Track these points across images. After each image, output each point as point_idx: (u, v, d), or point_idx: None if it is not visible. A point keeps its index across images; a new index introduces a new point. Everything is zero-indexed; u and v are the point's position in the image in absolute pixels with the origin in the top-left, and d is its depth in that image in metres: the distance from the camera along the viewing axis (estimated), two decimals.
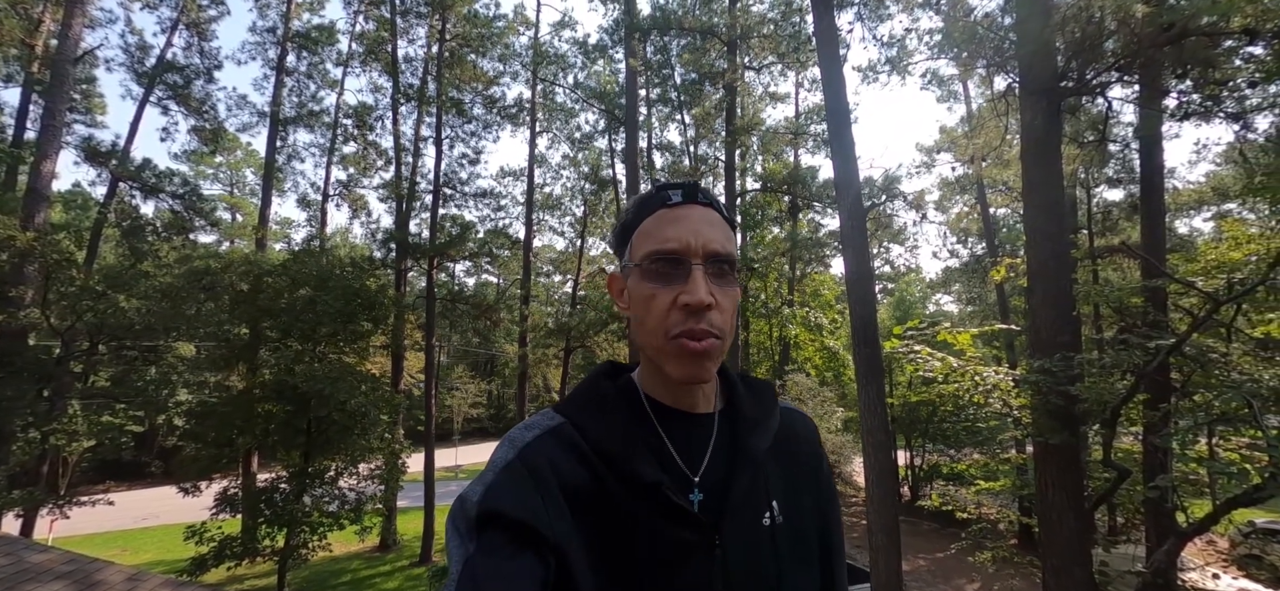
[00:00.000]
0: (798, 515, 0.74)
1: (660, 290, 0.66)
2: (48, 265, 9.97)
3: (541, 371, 25.89)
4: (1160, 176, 8.25)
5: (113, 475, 20.80)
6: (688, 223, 0.68)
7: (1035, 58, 6.26)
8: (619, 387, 0.74)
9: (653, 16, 12.51)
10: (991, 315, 17.58)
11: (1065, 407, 5.57)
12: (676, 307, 0.65)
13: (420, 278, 16.40)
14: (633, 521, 0.63)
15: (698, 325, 0.64)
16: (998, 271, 9.32)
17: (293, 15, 15.18)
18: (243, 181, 26.32)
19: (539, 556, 0.58)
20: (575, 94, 15.39)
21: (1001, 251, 15.45)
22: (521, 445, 0.66)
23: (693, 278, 0.65)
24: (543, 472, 0.63)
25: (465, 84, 14.23)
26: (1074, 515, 5.76)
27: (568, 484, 0.64)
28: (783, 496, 0.73)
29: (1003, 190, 15.88)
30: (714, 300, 0.65)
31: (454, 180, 15.22)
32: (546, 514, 0.60)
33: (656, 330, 0.66)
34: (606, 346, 19.74)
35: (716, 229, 0.69)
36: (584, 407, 0.71)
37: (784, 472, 0.75)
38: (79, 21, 11.00)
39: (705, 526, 0.65)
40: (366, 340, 12.75)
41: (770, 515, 0.70)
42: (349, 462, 10.59)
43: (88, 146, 12.73)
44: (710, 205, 0.71)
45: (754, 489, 0.71)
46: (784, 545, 0.70)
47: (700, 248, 0.66)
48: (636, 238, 0.71)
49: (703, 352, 0.64)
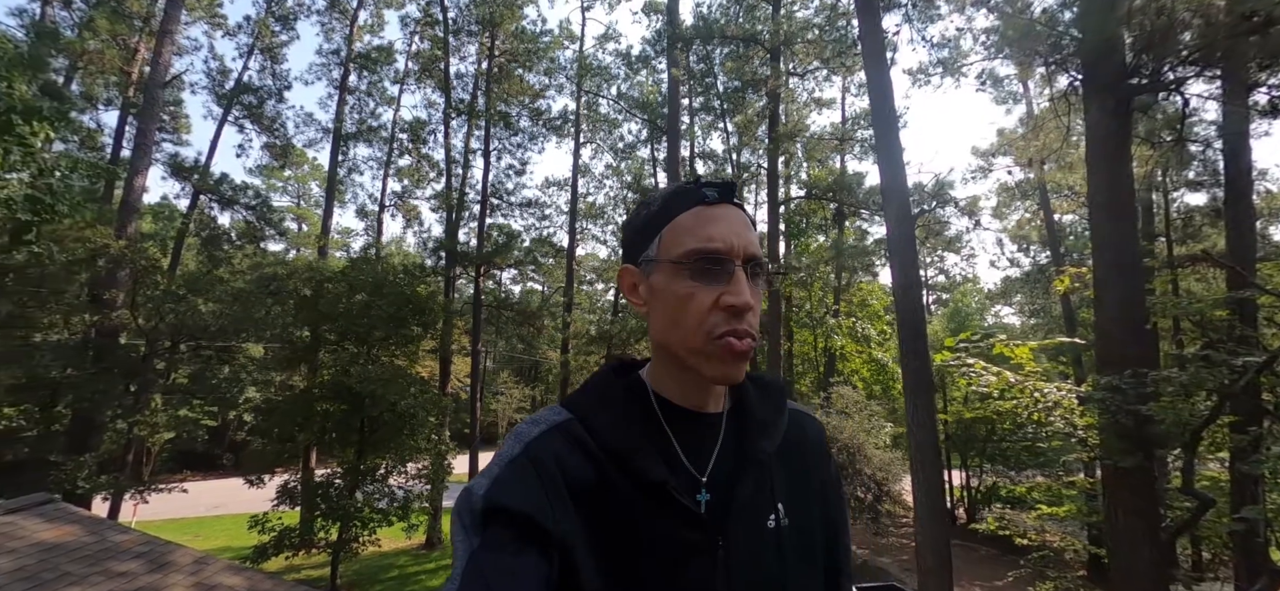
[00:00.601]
0: (804, 518, 0.73)
1: (702, 289, 0.65)
2: (137, 271, 10.95)
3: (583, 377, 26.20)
4: (1248, 178, 7.55)
5: (188, 465, 22.43)
6: (729, 223, 0.67)
7: (1100, 54, 5.89)
8: (628, 385, 0.74)
9: (695, 26, 12.54)
10: (1057, 328, 16.50)
11: (1137, 428, 5.15)
12: (718, 308, 0.64)
13: (468, 285, 16.96)
14: (637, 520, 0.63)
15: (740, 325, 0.64)
16: (1062, 281, 8.76)
17: (355, 38, 16.15)
18: (308, 193, 28.09)
19: (543, 552, 0.58)
20: (618, 104, 15.62)
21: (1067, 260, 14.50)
22: (528, 440, 0.66)
23: (737, 279, 0.65)
24: (549, 468, 0.63)
25: (512, 98, 14.71)
26: (1149, 546, 5.30)
27: (573, 480, 0.64)
28: (789, 498, 0.72)
29: (1068, 195, 14.92)
30: (753, 302, 0.66)
31: (501, 190, 15.71)
32: (551, 510, 0.60)
33: (695, 330, 0.65)
34: (647, 354, 19.70)
35: (751, 232, 0.69)
36: (592, 404, 0.71)
37: (791, 475, 0.75)
38: (168, 50, 12.09)
39: (709, 527, 0.65)
40: (416, 344, 13.27)
41: (776, 517, 0.70)
42: (398, 461, 11.01)
43: (174, 163, 13.92)
44: (741, 207, 0.71)
45: (760, 490, 0.70)
46: (789, 547, 0.70)
47: (742, 249, 0.66)
48: (669, 232, 0.69)
49: (745, 353, 0.65)
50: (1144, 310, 6.12)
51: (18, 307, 10.13)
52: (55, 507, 4.71)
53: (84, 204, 8.02)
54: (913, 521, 7.93)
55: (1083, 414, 6.04)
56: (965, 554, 13.87)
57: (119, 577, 4.14)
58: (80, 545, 4.28)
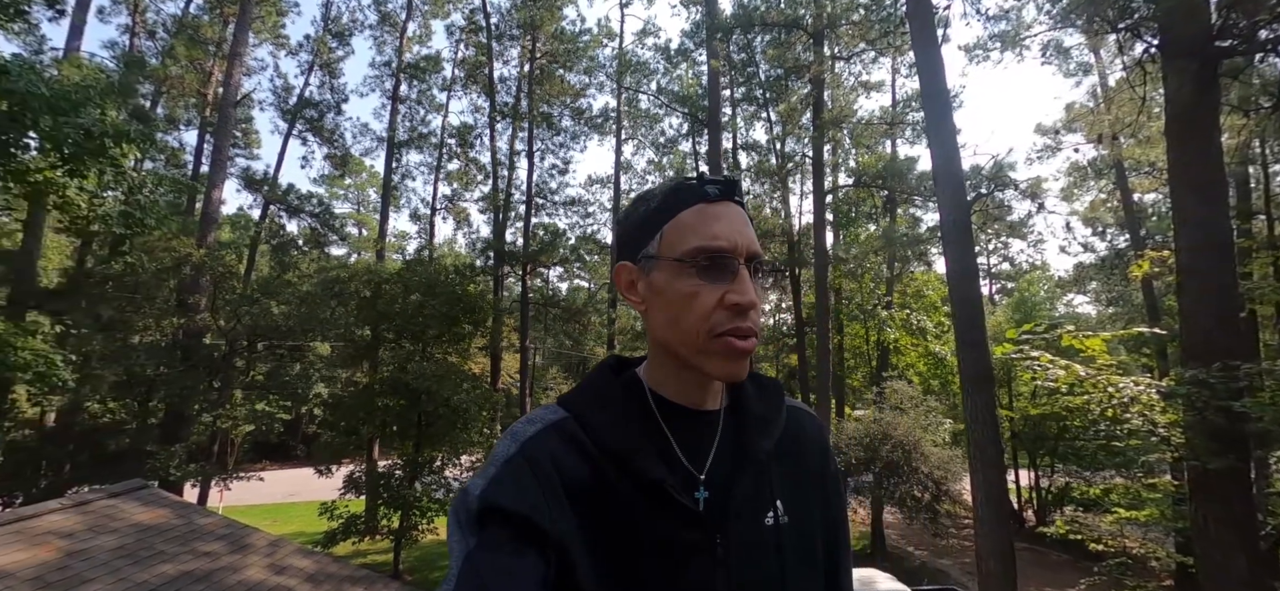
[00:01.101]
0: (802, 515, 0.73)
1: (706, 288, 0.65)
2: (216, 277, 11.88)
3: None
4: None
5: (266, 455, 24.16)
6: (730, 220, 0.67)
7: (1180, 15, 5.39)
8: (624, 383, 0.73)
9: (735, 14, 12.33)
10: (1137, 317, 15.24)
11: (1228, 426, 4.69)
12: (722, 306, 0.64)
13: (516, 283, 17.41)
14: (635, 518, 0.63)
15: (744, 323, 0.64)
16: (1140, 266, 8.10)
17: (404, 49, 16.86)
18: (366, 200, 29.59)
19: (540, 552, 0.57)
20: (659, 99, 15.56)
21: (1147, 243, 13.31)
22: (524, 439, 0.66)
23: (741, 277, 0.65)
24: (545, 467, 0.63)
25: (554, 98, 14.96)
26: (1245, 554, 4.83)
27: (570, 479, 0.63)
28: (787, 496, 0.72)
29: (1147, 172, 13.69)
30: (757, 300, 0.66)
31: (545, 190, 16.04)
32: (548, 509, 0.60)
33: (697, 328, 0.65)
34: None
35: (752, 229, 0.69)
36: (588, 402, 0.71)
37: (789, 472, 0.74)
38: (238, 70, 13.00)
39: (707, 525, 0.65)
40: (468, 341, 13.78)
41: (774, 515, 0.69)
42: (453, 454, 11.48)
43: (246, 175, 14.99)
44: (743, 204, 0.70)
45: (759, 488, 0.70)
46: (788, 545, 0.69)
47: (745, 247, 0.66)
48: (671, 229, 0.68)
49: (748, 351, 0.65)
50: (1237, 296, 5.56)
51: (117, 313, 11.22)
52: (150, 493, 5.20)
53: (169, 217, 8.77)
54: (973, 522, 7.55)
55: (1165, 410, 5.56)
56: (1033, 558, 13.07)
57: (205, 556, 4.53)
58: (171, 527, 4.71)
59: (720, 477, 0.68)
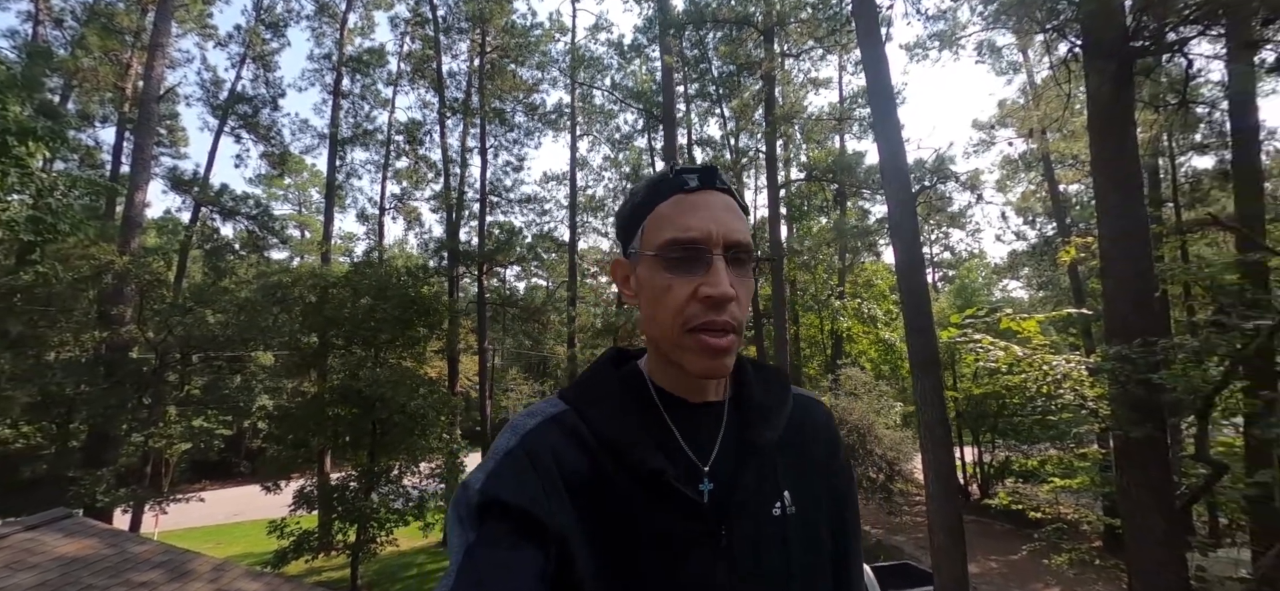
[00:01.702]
0: (810, 506, 0.72)
1: (678, 280, 0.64)
2: (143, 285, 11.03)
3: None
4: (1255, 138, 7.42)
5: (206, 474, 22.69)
6: (708, 210, 0.65)
7: (1099, 17, 5.78)
8: (625, 375, 0.73)
9: (687, 10, 12.40)
10: (1065, 300, 16.36)
11: (1147, 397, 5.11)
12: (696, 299, 0.62)
13: (472, 284, 16.99)
14: (635, 511, 0.62)
15: (718, 318, 0.62)
16: (1067, 252, 8.69)
17: (345, 41, 16.10)
18: (309, 200, 28.16)
19: (540, 546, 0.57)
20: (613, 95, 15.50)
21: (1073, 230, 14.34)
22: (524, 432, 0.65)
23: (714, 268, 0.62)
24: (545, 461, 0.63)
25: (506, 93, 14.64)
26: (1162, 515, 5.28)
27: (570, 472, 0.63)
28: (795, 486, 0.71)
29: (1072, 164, 14.72)
30: (734, 292, 0.63)
31: (499, 188, 15.70)
32: (548, 503, 0.60)
33: (672, 323, 0.64)
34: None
35: (736, 217, 0.66)
36: (589, 395, 0.70)
37: (796, 462, 0.73)
38: (161, 63, 12.08)
39: (711, 517, 0.64)
40: (423, 345, 13.36)
41: (781, 505, 0.68)
42: (411, 462, 11.13)
43: (173, 176, 13.98)
44: (727, 191, 0.68)
45: (764, 479, 0.69)
46: (795, 536, 0.68)
47: (721, 236, 0.63)
48: (650, 222, 0.67)
49: (724, 348, 0.63)
50: (1152, 278, 6.05)
51: (28, 328, 10.25)
52: (74, 522, 4.78)
53: (86, 222, 8.07)
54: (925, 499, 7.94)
55: (1093, 385, 6.00)
56: (979, 529, 13.86)
57: (140, 587, 4.20)
58: (100, 557, 4.34)
59: (725, 469, 0.67)
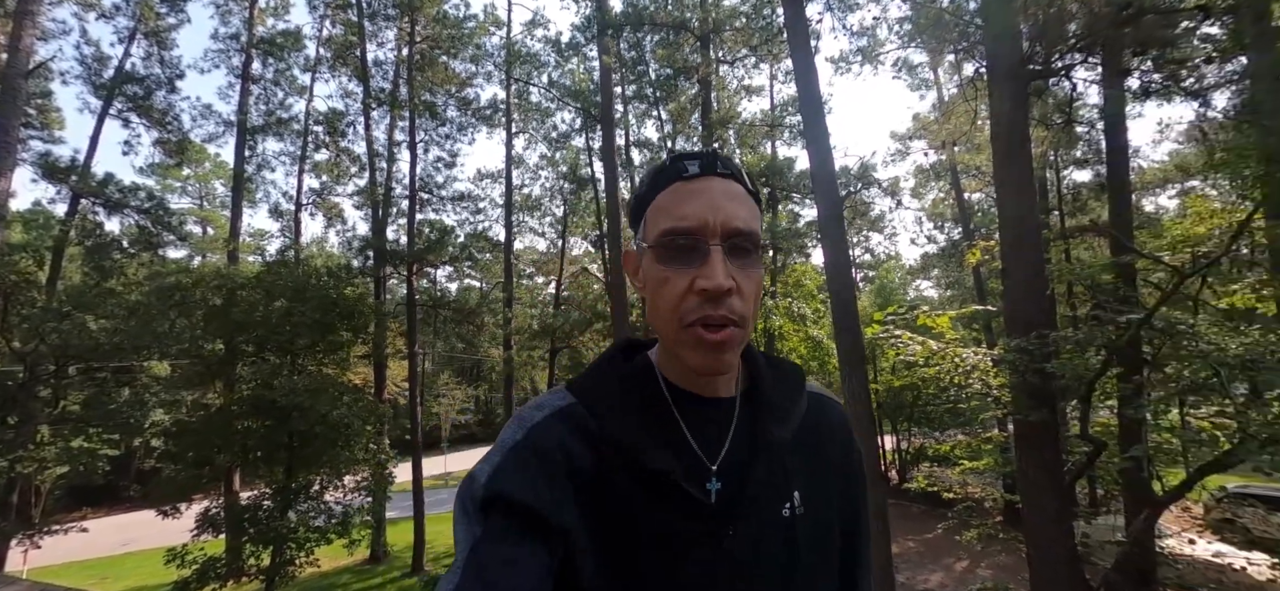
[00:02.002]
0: (821, 506, 0.70)
1: (675, 272, 0.62)
2: (6, 287, 9.63)
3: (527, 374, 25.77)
4: (1125, 156, 8.46)
5: (89, 501, 20.19)
6: (706, 197, 0.62)
7: (1001, 42, 6.36)
8: (634, 368, 0.71)
9: (624, 12, 12.45)
10: (970, 298, 17.91)
11: (1042, 385, 5.68)
12: (693, 292, 0.60)
13: (400, 285, 16.15)
14: (640, 510, 0.61)
15: (716, 312, 0.60)
16: (973, 254, 9.49)
17: (256, 21, 14.82)
18: (212, 193, 25.67)
19: (544, 542, 0.57)
20: (550, 93, 15.28)
21: (976, 235, 15.74)
22: (530, 425, 0.64)
23: (710, 260, 0.60)
24: (550, 455, 0.62)
25: (438, 86, 14.03)
26: (1053, 490, 5.89)
27: (575, 468, 0.62)
28: (806, 486, 0.69)
29: (975, 175, 16.16)
30: (734, 284, 0.60)
31: (430, 184, 15.02)
32: (553, 498, 0.59)
33: (671, 316, 0.62)
34: (592, 345, 19.69)
35: (738, 203, 0.63)
36: (596, 388, 0.68)
37: (809, 461, 0.71)
38: (30, 33, 10.60)
39: (717, 516, 0.62)
40: (346, 350, 12.57)
41: (791, 505, 0.67)
42: (334, 476, 10.44)
43: (45, 163, 12.28)
44: (732, 176, 0.65)
45: (774, 478, 0.67)
46: (803, 538, 0.67)
47: (719, 225, 0.61)
48: (651, 213, 0.66)
49: (721, 342, 0.60)
50: (1045, 278, 6.75)
51: None
52: None
53: None
54: None
55: (996, 375, 6.59)
56: (898, 511, 14.87)
57: None
58: None
59: (734, 467, 0.66)
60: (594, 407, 0.66)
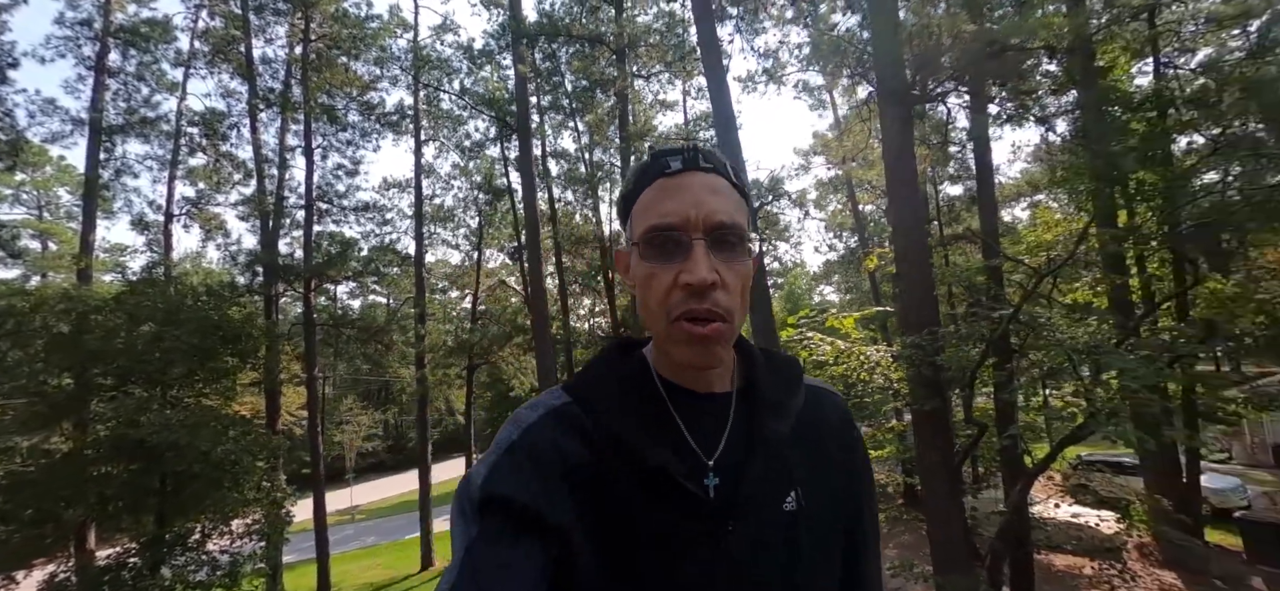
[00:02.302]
0: (822, 502, 0.69)
1: (659, 269, 0.62)
2: None
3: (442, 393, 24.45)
4: (991, 173, 9.69)
5: None
6: (688, 193, 0.62)
7: (889, 70, 7.03)
8: (629, 366, 0.71)
9: (539, 22, 12.36)
10: (867, 301, 19.53)
11: (934, 377, 6.31)
12: (677, 287, 0.61)
13: (294, 303, 14.76)
14: (638, 507, 0.61)
15: (701, 306, 0.60)
16: (871, 261, 10.38)
17: (114, 6, 12.97)
18: (56, 202, 21.96)
19: (541, 541, 0.56)
20: (462, 100, 14.76)
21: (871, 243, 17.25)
22: (525, 425, 0.64)
23: (693, 254, 0.60)
24: (546, 455, 0.62)
25: (338, 88, 13.05)
26: (947, 471, 6.54)
27: (571, 467, 0.62)
28: (806, 482, 0.68)
29: (868, 188, 17.72)
30: (718, 278, 0.61)
31: (330, 193, 13.89)
32: (549, 498, 0.59)
33: (658, 312, 0.63)
34: (512, 360, 19.12)
35: (721, 197, 0.63)
36: (591, 387, 0.68)
37: (809, 456, 0.71)
38: None
39: (717, 512, 0.62)
40: (232, 378, 11.27)
41: (792, 501, 0.66)
42: (218, 521, 9.26)
43: None
44: (714, 170, 0.65)
45: (773, 474, 0.67)
46: (804, 533, 0.66)
47: (701, 220, 0.61)
48: (636, 211, 0.66)
49: (707, 337, 0.61)
50: (933, 281, 7.52)
51: None
52: None
53: None
54: None
55: (896, 369, 7.23)
56: None
57: None
58: None
59: (731, 464, 0.65)
60: (589, 406, 0.66)
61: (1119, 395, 5.21)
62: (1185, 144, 10.73)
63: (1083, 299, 9.33)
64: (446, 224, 17.83)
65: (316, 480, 13.11)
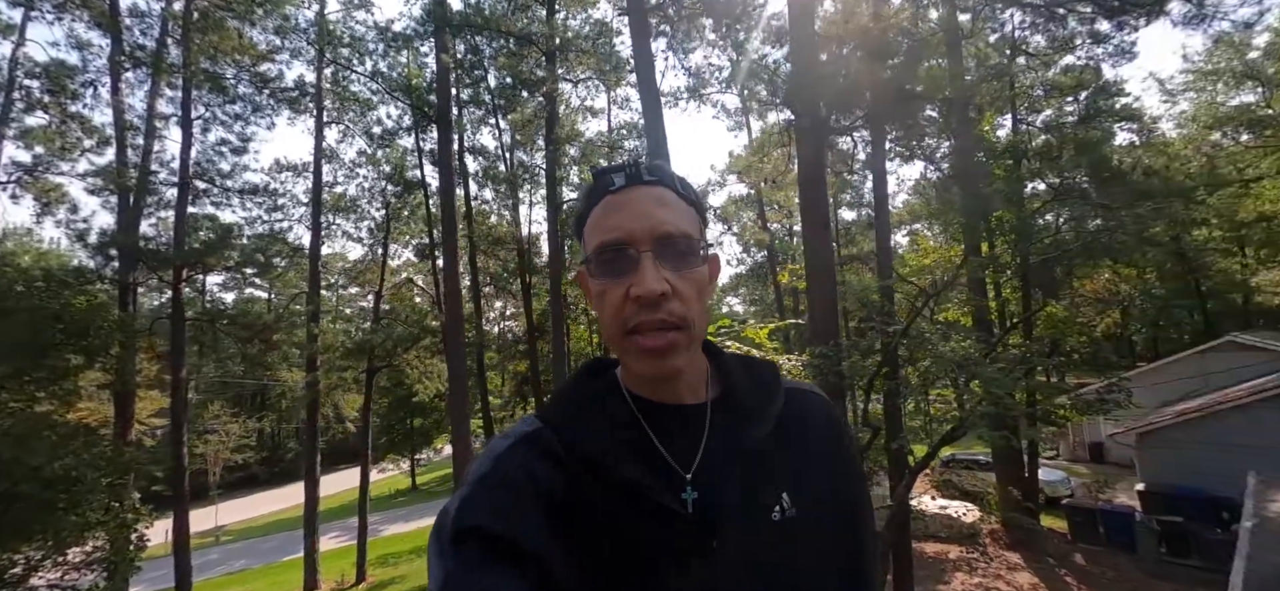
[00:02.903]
0: (813, 505, 0.67)
1: (611, 285, 0.63)
2: None
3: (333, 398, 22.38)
4: (886, 203, 10.84)
5: None
6: (631, 207, 0.63)
7: (808, 102, 7.65)
8: (599, 385, 0.71)
9: (468, 13, 11.92)
10: (771, 312, 20.86)
11: (838, 384, 6.95)
12: (629, 300, 0.61)
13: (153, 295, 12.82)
14: (614, 524, 0.60)
15: (653, 317, 0.60)
16: (784, 275, 11.17)
17: None
18: None
19: (518, 568, 0.55)
20: (374, 84, 13.78)
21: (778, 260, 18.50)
22: (496, 454, 0.64)
23: (640, 267, 0.61)
24: (518, 482, 0.61)
25: (227, 55, 11.60)
26: None
27: (545, 491, 0.60)
28: (794, 486, 0.66)
29: (776, 208, 19.00)
30: (671, 287, 0.61)
31: (211, 172, 12.29)
32: (524, 524, 0.58)
33: (613, 328, 0.63)
34: (418, 364, 18.03)
35: (667, 209, 0.64)
36: (562, 410, 0.68)
37: (794, 460, 0.69)
38: None
39: (697, 526, 0.61)
40: (74, 379, 9.60)
41: (781, 509, 0.64)
42: (52, 550, 7.81)
43: None
44: (659, 182, 0.66)
45: (755, 482, 0.65)
46: (798, 540, 0.64)
47: (646, 233, 0.62)
48: (587, 231, 0.67)
49: (663, 348, 0.61)
50: (836, 296, 8.27)
51: None
52: None
53: None
54: None
55: (806, 377, 7.83)
56: None
57: None
58: None
59: (710, 475, 0.64)
60: (560, 428, 0.65)
61: (984, 401, 6.08)
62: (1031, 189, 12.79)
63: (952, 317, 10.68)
64: (349, 215, 16.46)
65: (180, 498, 11.47)
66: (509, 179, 14.59)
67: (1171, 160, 13.53)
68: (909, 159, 11.70)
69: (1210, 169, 14.32)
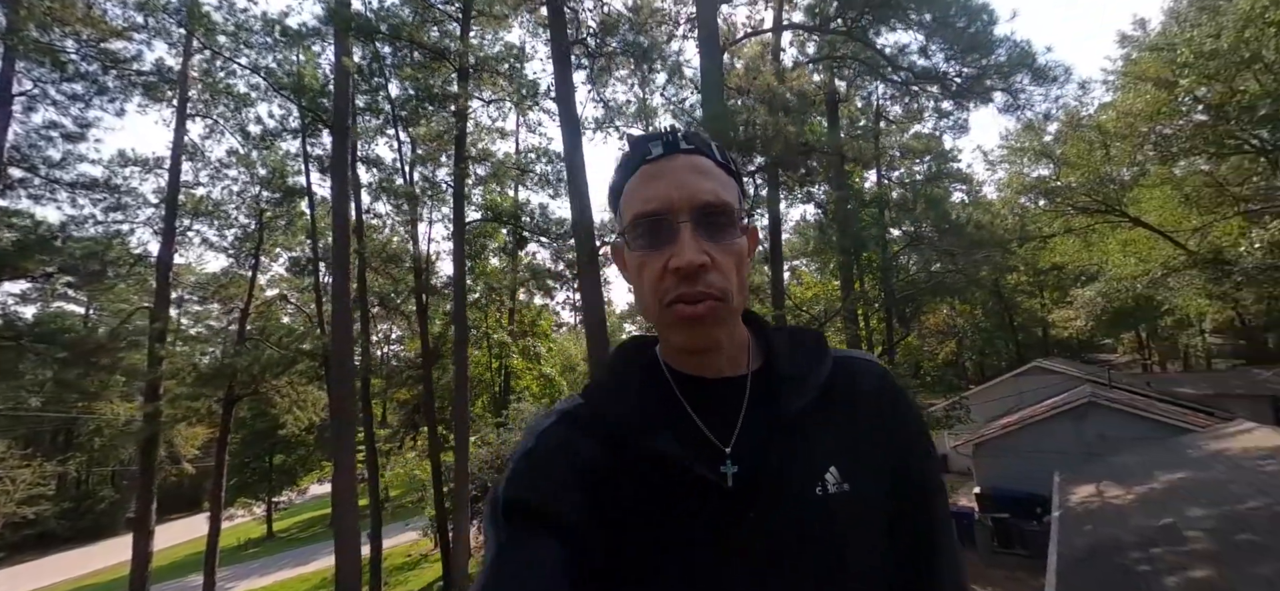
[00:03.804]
0: (864, 480, 0.64)
1: (649, 256, 0.62)
2: None
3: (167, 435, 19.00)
4: (779, 239, 12.03)
5: None
6: (670, 176, 0.62)
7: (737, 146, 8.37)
8: (639, 361, 0.71)
9: (371, 20, 11.37)
10: None
11: None
12: (668, 272, 0.60)
13: None
14: (652, 497, 0.60)
15: (693, 288, 0.59)
16: None
17: None
18: None
19: (560, 540, 0.57)
20: (257, 78, 12.47)
21: None
22: (539, 431, 0.67)
23: (680, 238, 0.60)
24: (557, 456, 0.63)
25: (66, 24, 9.84)
26: None
27: (583, 465, 0.62)
28: (844, 460, 0.64)
29: None
30: (709, 259, 0.60)
31: (33, 157, 10.22)
32: (562, 497, 0.60)
33: (651, 300, 0.63)
34: (289, 392, 16.11)
35: (706, 177, 0.63)
36: (602, 386, 0.69)
37: (843, 431, 0.66)
38: None
39: (735, 499, 0.60)
40: None
41: (825, 484, 0.62)
42: None
43: None
44: (697, 151, 0.64)
45: (799, 455, 0.63)
46: (845, 516, 0.61)
47: (686, 201, 0.61)
48: (623, 202, 0.66)
49: (702, 317, 0.60)
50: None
51: None
52: None
53: None
54: None
55: None
56: None
57: None
58: None
59: (750, 448, 0.63)
60: (599, 404, 0.67)
61: None
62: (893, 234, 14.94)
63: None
64: (212, 220, 14.48)
65: None
66: (408, 193, 13.85)
67: (994, 217, 16.65)
68: (800, 201, 13.09)
69: (1020, 226, 17.86)
